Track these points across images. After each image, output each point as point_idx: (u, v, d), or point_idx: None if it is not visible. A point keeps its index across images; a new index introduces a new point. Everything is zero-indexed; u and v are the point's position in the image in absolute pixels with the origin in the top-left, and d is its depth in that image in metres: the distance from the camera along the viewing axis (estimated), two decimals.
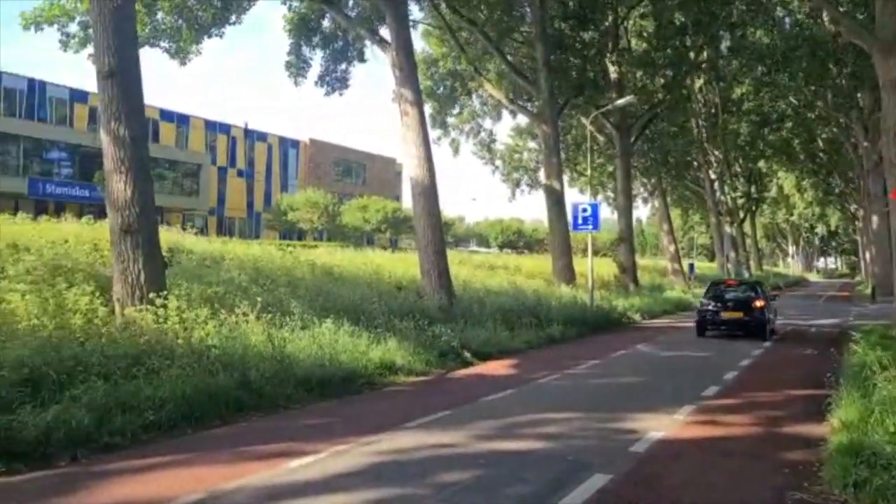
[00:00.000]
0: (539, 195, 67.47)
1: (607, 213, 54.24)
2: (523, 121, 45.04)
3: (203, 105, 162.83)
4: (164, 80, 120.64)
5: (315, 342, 11.37)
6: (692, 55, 34.03)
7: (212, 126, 54.53)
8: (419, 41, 33.26)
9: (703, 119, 45.39)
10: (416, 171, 18.14)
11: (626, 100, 28.16)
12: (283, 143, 60.18)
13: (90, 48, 17.32)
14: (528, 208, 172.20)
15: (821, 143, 49.73)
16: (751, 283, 22.37)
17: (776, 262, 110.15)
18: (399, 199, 64.48)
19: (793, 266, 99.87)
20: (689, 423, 8.77)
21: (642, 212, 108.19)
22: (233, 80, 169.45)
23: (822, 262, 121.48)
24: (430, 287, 17.59)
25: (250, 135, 57.67)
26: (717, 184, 50.20)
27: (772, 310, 20.11)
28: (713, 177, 49.29)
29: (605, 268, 33.63)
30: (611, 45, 31.61)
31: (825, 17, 29.37)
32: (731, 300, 19.75)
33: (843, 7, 24.98)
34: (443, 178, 18.41)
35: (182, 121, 51.93)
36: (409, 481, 6.18)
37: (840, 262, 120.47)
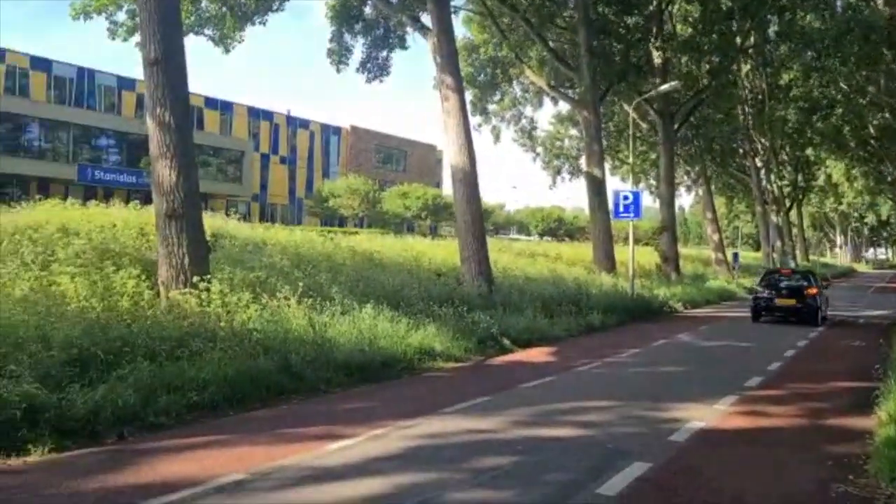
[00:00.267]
0: (580, 183, 66.97)
1: (649, 202, 53.65)
2: (565, 108, 44.62)
3: (246, 92, 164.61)
4: (208, 68, 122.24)
5: (355, 327, 11.46)
6: (739, 40, 33.27)
7: (255, 113, 55.18)
8: (460, 27, 33.04)
9: (749, 105, 44.39)
10: (456, 157, 18.12)
11: (671, 86, 27.70)
12: (325, 129, 60.63)
13: (137, 37, 17.59)
14: (569, 196, 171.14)
15: (872, 130, 48.29)
16: (804, 272, 23.36)
17: (823, 252, 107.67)
18: (439, 185, 64.54)
19: (840, 256, 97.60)
20: (731, 414, 8.65)
21: (685, 200, 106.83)
22: (276, 68, 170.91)
23: (871, 253, 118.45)
24: (470, 274, 17.59)
25: (293, 122, 58.23)
26: (763, 172, 49.13)
27: (824, 298, 21.09)
28: (759, 165, 48.26)
29: (647, 257, 33.27)
30: (655, 29, 31.04)
31: None
32: (785, 288, 20.85)
33: None
34: (483, 165, 18.39)
35: (226, 108, 52.65)
36: (446, 466, 6.20)
37: (891, 253, 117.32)
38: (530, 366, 12.22)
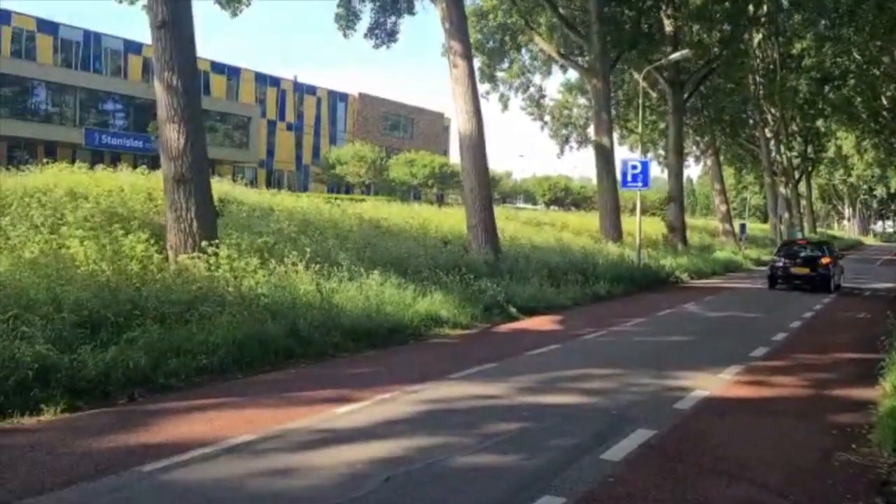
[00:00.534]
0: (587, 152, 66.68)
1: (656, 172, 53.22)
2: (573, 76, 44.26)
3: (252, 59, 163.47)
4: (215, 34, 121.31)
5: (362, 293, 11.52)
6: (751, 8, 32.80)
7: (262, 79, 54.82)
8: None
9: (760, 75, 43.91)
10: (464, 125, 18.02)
11: (681, 54, 27.40)
12: (332, 96, 60.24)
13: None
14: (577, 166, 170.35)
15: (885, 102, 47.80)
16: (818, 243, 24.59)
17: (831, 224, 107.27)
18: (446, 153, 64.24)
19: (849, 229, 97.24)
20: (736, 383, 8.70)
21: (693, 171, 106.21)
22: (283, 33, 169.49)
23: (879, 226, 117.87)
24: (477, 242, 17.60)
25: (299, 88, 57.85)
26: (772, 143, 48.76)
27: (838, 267, 22.19)
28: (769, 135, 47.89)
29: (654, 227, 33.20)
30: None
31: None
32: (801, 257, 21.92)
33: None
34: (491, 133, 18.30)
35: (233, 73, 52.30)
36: (453, 430, 6.27)
37: None
38: (536, 333, 12.28)
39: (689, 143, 48.98)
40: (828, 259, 21.40)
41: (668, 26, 30.98)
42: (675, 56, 27.23)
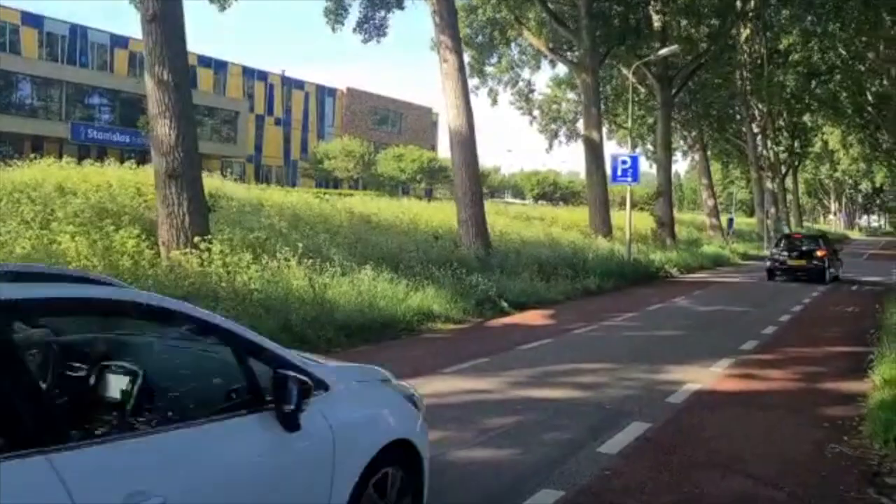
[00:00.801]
0: (576, 147, 66.79)
1: (644, 167, 53.37)
2: (562, 71, 44.28)
3: (240, 54, 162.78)
4: (202, 28, 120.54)
5: (354, 288, 11.53)
6: (739, 4, 33.01)
7: (249, 73, 54.58)
8: None
9: (747, 71, 44.06)
10: (454, 120, 18.02)
11: (670, 49, 27.50)
12: (320, 91, 60.05)
13: None
14: (565, 160, 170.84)
15: (870, 97, 48.16)
16: (814, 237, 25.85)
17: (817, 218, 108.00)
18: (435, 148, 64.24)
19: (834, 223, 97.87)
20: (727, 377, 8.77)
21: (681, 166, 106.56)
22: (271, 28, 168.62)
23: (864, 220, 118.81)
24: (468, 237, 17.63)
25: (287, 82, 57.64)
26: (759, 138, 48.95)
27: (835, 260, 23.42)
28: (756, 130, 48.08)
29: (642, 221, 33.29)
30: None
31: None
32: (797, 250, 23.03)
33: None
34: (480, 128, 18.29)
35: (220, 67, 52.03)
36: (448, 424, 6.27)
37: (884, 221, 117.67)
38: (528, 328, 12.32)
39: (676, 137, 49.17)
40: (823, 252, 22.42)
41: (657, 22, 31.05)
42: (664, 52, 27.33)
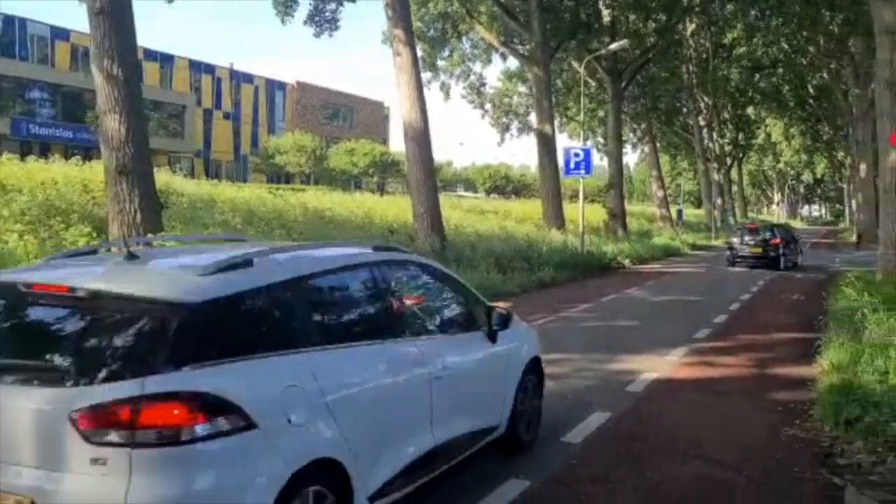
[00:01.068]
0: (527, 140, 67.30)
1: (595, 160, 54.15)
2: (513, 64, 44.53)
3: (187, 48, 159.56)
4: (147, 22, 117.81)
5: None
6: None
7: (196, 66, 53.52)
8: None
9: (693, 65, 45.05)
10: (409, 114, 17.99)
11: (620, 44, 27.88)
12: (270, 84, 59.23)
13: None
14: (516, 154, 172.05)
15: (811, 90, 49.63)
16: (770, 226, 27.49)
17: (761, 209, 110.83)
18: (387, 142, 64.01)
19: (778, 213, 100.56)
20: (684, 365, 8.97)
21: (630, 158, 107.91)
22: (219, 21, 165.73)
23: (806, 210, 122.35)
24: (423, 230, 17.66)
25: (236, 76, 56.70)
26: (705, 130, 50.10)
27: (796, 246, 25.90)
28: (702, 123, 49.17)
29: (594, 214, 33.75)
30: None
31: None
32: (754, 239, 24.95)
33: None
34: (433, 122, 18.28)
35: (166, 60, 50.88)
36: None
37: (824, 210, 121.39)
38: None
39: (626, 130, 49.93)
40: (777, 240, 24.33)
41: (606, 16, 31.44)
42: (614, 46, 27.69)
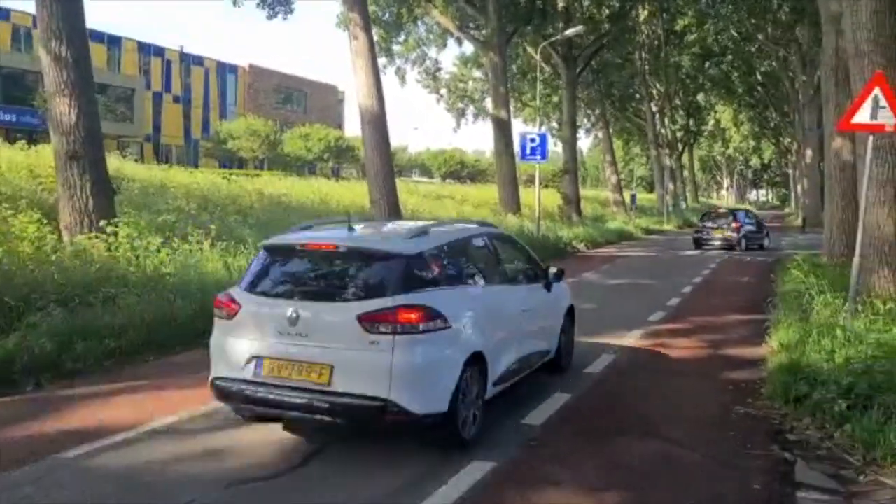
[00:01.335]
0: (482, 126, 67.46)
1: (549, 145, 54.57)
2: (469, 49, 44.50)
3: (135, 30, 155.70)
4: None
5: None
6: None
7: (145, 49, 52.31)
8: None
9: (646, 51, 45.59)
10: (365, 99, 17.86)
11: (575, 30, 28.07)
12: (221, 67, 58.18)
13: None
14: (471, 139, 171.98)
15: (759, 77, 50.65)
16: (733, 211, 28.62)
17: (711, 193, 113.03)
18: (341, 127, 63.47)
19: (727, 198, 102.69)
20: (639, 347, 9.17)
21: (584, 143, 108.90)
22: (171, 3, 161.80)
23: (754, 195, 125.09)
24: (381, 216, 17.59)
25: (186, 58, 55.57)
26: (657, 116, 50.85)
27: (762, 230, 27.10)
28: (654, 109, 49.89)
29: (549, 198, 33.94)
30: None
31: None
32: (717, 223, 26.45)
33: None
34: (389, 107, 18.21)
35: (113, 42, 49.61)
36: None
37: (771, 195, 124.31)
38: None
39: (580, 116, 50.38)
40: (737, 224, 25.91)
41: (561, 2, 31.56)
42: (569, 32, 27.86)
